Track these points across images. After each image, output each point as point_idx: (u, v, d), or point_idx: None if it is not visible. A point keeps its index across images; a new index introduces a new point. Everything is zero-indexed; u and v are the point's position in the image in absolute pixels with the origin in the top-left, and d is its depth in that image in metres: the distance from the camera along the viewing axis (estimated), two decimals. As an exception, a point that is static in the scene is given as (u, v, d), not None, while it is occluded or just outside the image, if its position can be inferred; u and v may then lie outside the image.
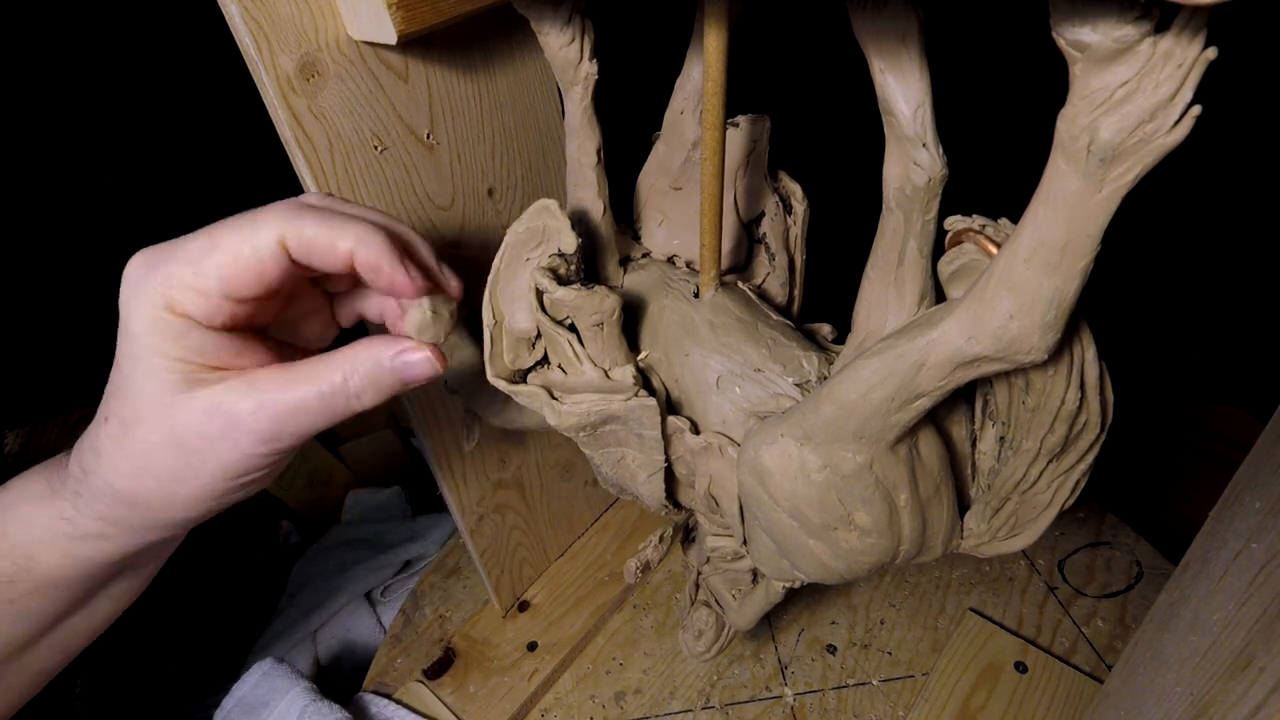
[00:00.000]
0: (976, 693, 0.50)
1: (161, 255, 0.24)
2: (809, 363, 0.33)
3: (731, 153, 0.34)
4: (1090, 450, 0.28)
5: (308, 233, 0.24)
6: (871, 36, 0.25)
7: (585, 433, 0.33)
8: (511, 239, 0.32)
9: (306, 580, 0.74)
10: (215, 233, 0.24)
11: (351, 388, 0.26)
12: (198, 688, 0.67)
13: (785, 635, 0.55)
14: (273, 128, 0.32)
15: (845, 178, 0.56)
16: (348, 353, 0.26)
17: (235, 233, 0.24)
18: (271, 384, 0.25)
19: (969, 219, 0.27)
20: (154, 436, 0.25)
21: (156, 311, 0.24)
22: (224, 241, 0.24)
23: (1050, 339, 0.22)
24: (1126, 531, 0.60)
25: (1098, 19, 0.17)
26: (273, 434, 0.25)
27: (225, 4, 0.29)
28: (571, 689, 0.54)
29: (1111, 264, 0.26)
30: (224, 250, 0.24)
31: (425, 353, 0.27)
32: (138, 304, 0.24)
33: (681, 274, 0.37)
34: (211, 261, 0.24)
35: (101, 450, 0.26)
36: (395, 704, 0.53)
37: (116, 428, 0.25)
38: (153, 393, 0.24)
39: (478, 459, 0.49)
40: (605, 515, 0.65)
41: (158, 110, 1.00)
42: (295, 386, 0.25)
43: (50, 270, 0.98)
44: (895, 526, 0.30)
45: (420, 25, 0.31)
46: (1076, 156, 0.19)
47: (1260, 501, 0.23)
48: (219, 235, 0.24)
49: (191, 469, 0.25)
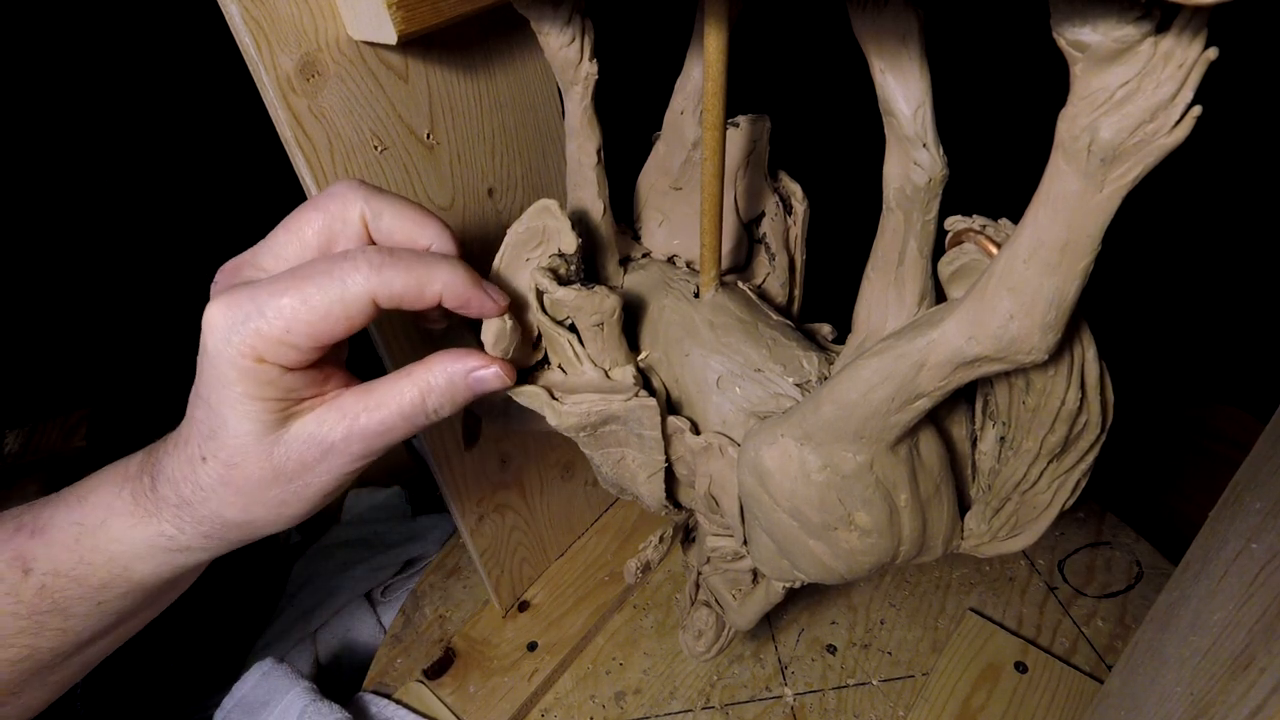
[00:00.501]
0: (976, 693, 0.50)
1: (247, 309, 0.25)
2: (809, 363, 0.33)
3: (731, 153, 0.34)
4: (1091, 450, 0.28)
5: (396, 287, 0.25)
6: (872, 36, 0.25)
7: (585, 433, 0.33)
8: (511, 239, 0.32)
9: (306, 580, 0.74)
10: (303, 287, 0.25)
11: (430, 405, 0.28)
12: (198, 688, 0.67)
13: (785, 635, 0.55)
14: (273, 128, 0.32)
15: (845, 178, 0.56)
16: (423, 371, 0.28)
17: (324, 290, 0.25)
18: (357, 409, 0.27)
19: (969, 219, 0.27)
20: (258, 473, 0.27)
21: (247, 363, 0.25)
22: (313, 298, 0.25)
23: (1050, 339, 0.22)
24: (1126, 531, 0.60)
25: (1098, 19, 0.17)
26: (363, 453, 0.27)
27: (225, 4, 0.29)
28: (571, 689, 0.54)
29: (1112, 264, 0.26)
30: (314, 308, 0.25)
31: (495, 368, 0.28)
32: (228, 355, 0.25)
33: (682, 274, 0.37)
34: (302, 320, 0.25)
35: (205, 487, 0.27)
36: (395, 704, 0.53)
37: (219, 469, 0.27)
38: (251, 434, 0.26)
39: (478, 459, 0.49)
40: (605, 515, 0.65)
41: (158, 110, 1.00)
42: (379, 410, 0.27)
43: (50, 270, 0.98)
44: (895, 526, 0.29)
45: (420, 25, 0.31)
46: (1077, 157, 0.19)
47: (1260, 502, 0.23)
48: (307, 291, 0.25)
49: (296, 493, 0.28)
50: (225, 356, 0.25)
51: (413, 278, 0.26)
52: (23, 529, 0.29)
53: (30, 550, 0.29)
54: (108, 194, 1.01)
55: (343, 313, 0.25)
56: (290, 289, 0.24)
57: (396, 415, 0.27)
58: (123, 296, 1.03)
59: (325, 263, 0.25)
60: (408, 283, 0.26)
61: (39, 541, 0.29)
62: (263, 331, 0.24)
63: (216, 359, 0.25)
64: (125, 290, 1.03)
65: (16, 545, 0.29)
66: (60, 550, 0.29)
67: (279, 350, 0.25)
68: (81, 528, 0.29)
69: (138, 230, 1.03)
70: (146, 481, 0.29)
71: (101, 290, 1.02)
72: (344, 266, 0.25)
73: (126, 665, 0.67)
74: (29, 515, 0.29)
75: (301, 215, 0.27)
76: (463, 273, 0.27)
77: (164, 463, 0.28)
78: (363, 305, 0.25)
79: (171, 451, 0.28)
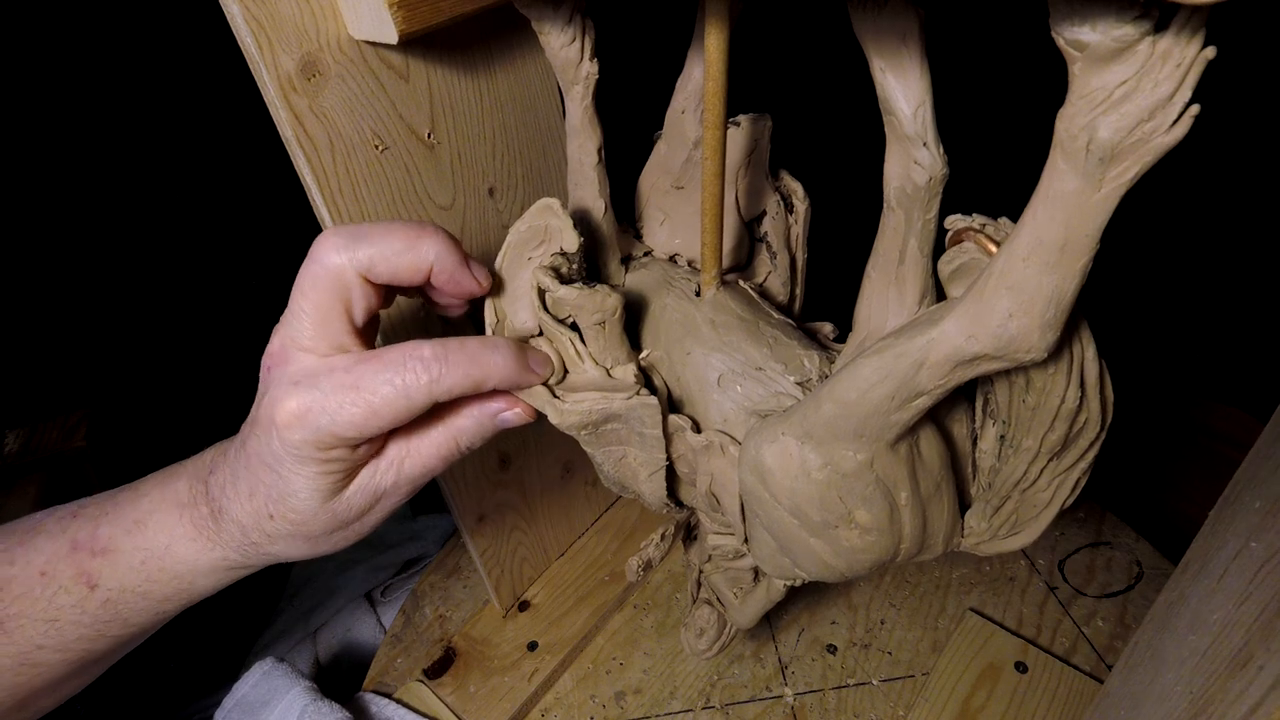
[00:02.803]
0: (976, 693, 0.50)
1: (320, 421, 0.27)
2: (810, 361, 0.33)
3: (732, 152, 0.34)
4: (1090, 449, 0.28)
5: (455, 389, 0.28)
6: (872, 36, 0.25)
7: (587, 431, 0.33)
8: (513, 238, 0.32)
9: (306, 580, 0.74)
10: (370, 401, 0.27)
11: (462, 445, 0.31)
12: (198, 688, 0.67)
13: (785, 635, 0.55)
14: (273, 127, 0.32)
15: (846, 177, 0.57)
16: (459, 421, 0.30)
17: (391, 404, 0.27)
18: (402, 455, 0.30)
19: (969, 218, 0.27)
20: (324, 525, 0.30)
21: (311, 450, 0.27)
22: (382, 411, 0.27)
23: (1050, 337, 0.22)
24: (1126, 531, 0.60)
25: (1097, 18, 0.17)
26: (410, 491, 0.31)
27: (226, 4, 0.29)
28: (572, 689, 0.54)
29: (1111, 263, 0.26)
30: (381, 417, 0.27)
31: (519, 409, 0.31)
32: (296, 442, 0.27)
33: (683, 273, 0.37)
34: (371, 426, 0.27)
35: (273, 535, 0.30)
36: (395, 704, 0.53)
37: (288, 526, 0.29)
38: (320, 499, 0.29)
39: (478, 459, 0.49)
40: (605, 515, 0.65)
41: (159, 110, 1.00)
42: (420, 455, 0.30)
43: (51, 271, 0.98)
44: (896, 525, 0.30)
45: (421, 25, 0.31)
46: (1075, 155, 0.19)
47: (1260, 501, 0.23)
48: (375, 405, 0.27)
49: (355, 531, 0.31)
50: (291, 444, 0.27)
51: (469, 380, 0.28)
52: (81, 548, 0.31)
53: (95, 568, 0.30)
54: (108, 194, 1.01)
55: (406, 413, 0.28)
56: (357, 400, 0.27)
57: (435, 458, 0.30)
58: (123, 297, 1.03)
59: (387, 371, 0.27)
60: (465, 384, 0.28)
61: (104, 561, 0.31)
62: (336, 433, 0.27)
63: (283, 442, 0.27)
64: (125, 290, 1.03)
65: (78, 563, 0.30)
66: (126, 571, 0.31)
67: (348, 444, 0.28)
68: (148, 552, 0.31)
69: (138, 230, 1.03)
70: (205, 511, 0.31)
71: (102, 290, 1.02)
72: (407, 379, 0.27)
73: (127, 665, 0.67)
74: (84, 533, 0.31)
75: (307, 298, 0.28)
76: (514, 367, 0.29)
77: (228, 508, 0.30)
78: (424, 406, 0.28)
79: (234, 499, 0.30)
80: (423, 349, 0.27)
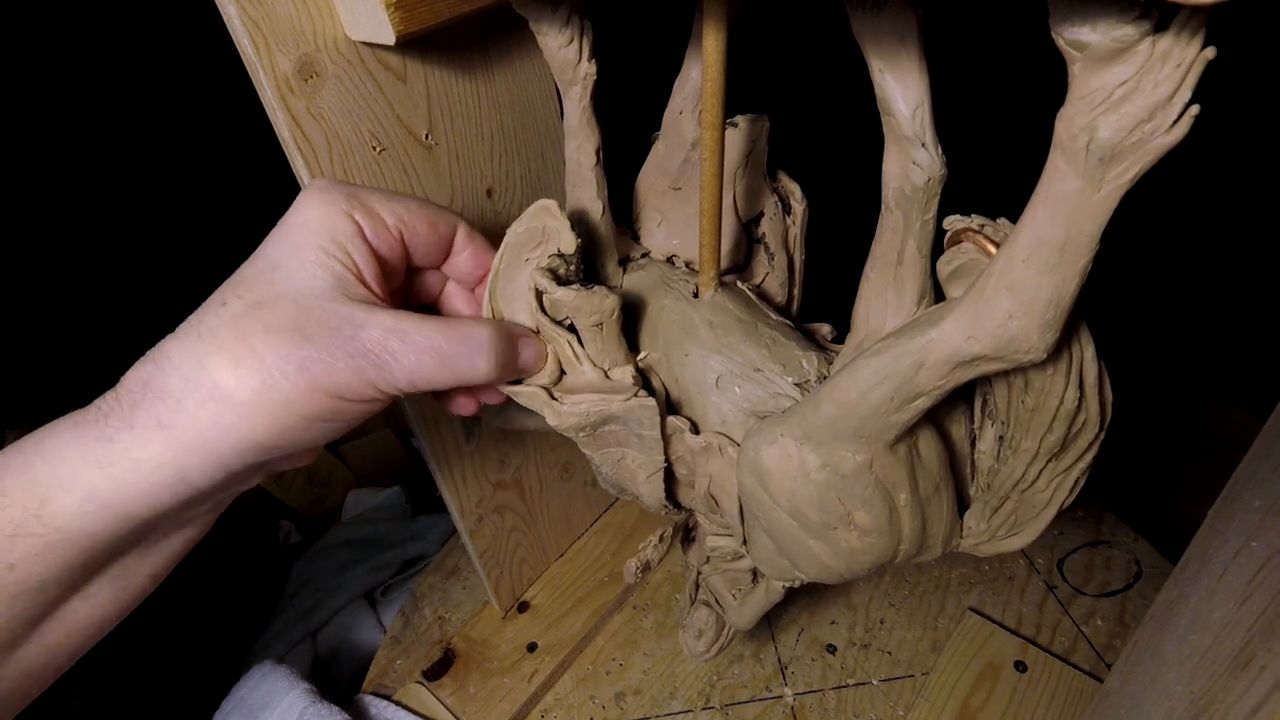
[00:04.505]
0: (976, 692, 0.50)
1: (349, 188, 0.27)
2: (808, 362, 0.33)
3: (730, 153, 0.34)
4: (1089, 449, 0.28)
5: (464, 230, 0.30)
6: (870, 36, 0.25)
7: (585, 433, 0.33)
8: (511, 239, 0.32)
9: (306, 580, 0.74)
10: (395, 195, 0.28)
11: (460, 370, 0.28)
12: (198, 688, 0.67)
13: (785, 635, 0.55)
14: (271, 128, 0.32)
15: (844, 178, 0.56)
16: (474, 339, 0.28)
17: (418, 202, 0.29)
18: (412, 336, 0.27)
19: (968, 219, 0.27)
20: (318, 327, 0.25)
21: (336, 209, 0.26)
22: (409, 200, 0.29)
23: (1049, 338, 0.22)
24: (1125, 530, 0.60)
25: (1097, 18, 0.17)
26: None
27: (223, 5, 0.28)
28: (571, 690, 0.54)
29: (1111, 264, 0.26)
30: (407, 202, 0.28)
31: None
32: (317, 204, 0.26)
33: (681, 274, 0.37)
34: (399, 202, 0.28)
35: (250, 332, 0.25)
36: (395, 705, 0.53)
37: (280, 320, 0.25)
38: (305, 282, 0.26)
39: (477, 459, 0.49)
40: (605, 516, 0.65)
41: (156, 111, 1.00)
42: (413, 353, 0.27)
43: (51, 271, 0.98)
44: (895, 526, 0.29)
45: (418, 26, 0.31)
46: (1075, 156, 0.19)
47: (1260, 500, 0.23)
48: (403, 196, 0.29)
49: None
50: (310, 207, 0.26)
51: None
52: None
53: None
54: (107, 194, 1.01)
55: (427, 213, 0.29)
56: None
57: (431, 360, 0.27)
58: (122, 297, 1.03)
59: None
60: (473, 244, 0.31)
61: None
62: (357, 194, 0.27)
63: (302, 210, 0.26)
64: (125, 290, 1.03)
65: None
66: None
67: (365, 215, 0.27)
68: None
69: (137, 230, 1.03)
70: (110, 404, 0.25)
71: (101, 290, 1.02)
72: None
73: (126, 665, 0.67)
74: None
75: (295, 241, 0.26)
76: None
77: (174, 345, 0.25)
78: (450, 224, 0.30)
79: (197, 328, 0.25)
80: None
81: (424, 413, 0.44)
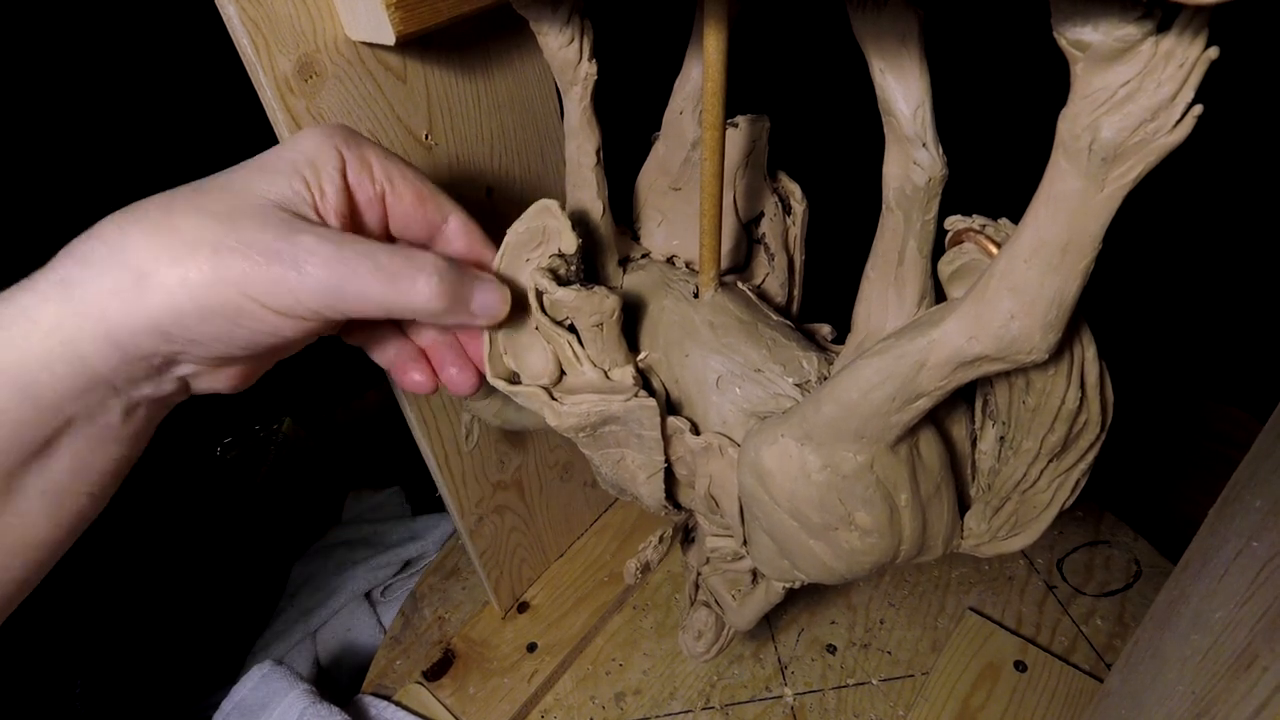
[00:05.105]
0: (976, 692, 0.50)
1: (355, 133, 0.27)
2: (809, 363, 0.33)
3: (731, 153, 0.34)
4: (1090, 450, 0.28)
5: (458, 220, 0.31)
6: (871, 36, 0.25)
7: (585, 434, 0.33)
8: (511, 239, 0.32)
9: (306, 580, 0.74)
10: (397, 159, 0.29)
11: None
12: (198, 688, 0.67)
13: (785, 635, 0.55)
14: (271, 128, 0.32)
15: (845, 178, 0.56)
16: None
17: (416, 174, 0.29)
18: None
19: (969, 219, 0.27)
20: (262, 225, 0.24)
21: (329, 142, 0.26)
22: (407, 168, 0.29)
23: (1051, 339, 0.22)
24: (1125, 530, 0.60)
25: (1099, 18, 0.17)
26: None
27: (223, 5, 0.28)
28: (571, 690, 0.54)
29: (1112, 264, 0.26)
30: (405, 169, 0.28)
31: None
32: (317, 134, 0.26)
33: (681, 274, 0.37)
34: (396, 164, 0.28)
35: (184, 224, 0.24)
36: (395, 706, 0.53)
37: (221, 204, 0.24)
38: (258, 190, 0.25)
39: (477, 460, 0.49)
40: (604, 516, 0.65)
41: (156, 111, 1.00)
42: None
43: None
44: (896, 526, 0.29)
45: (419, 26, 0.31)
46: (1078, 156, 0.19)
47: (1260, 500, 0.23)
48: (406, 164, 0.29)
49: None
50: (306, 134, 0.26)
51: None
52: None
53: None
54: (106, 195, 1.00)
55: (413, 174, 0.29)
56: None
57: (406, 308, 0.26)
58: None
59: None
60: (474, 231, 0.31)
61: None
62: (352, 137, 0.27)
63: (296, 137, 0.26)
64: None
65: None
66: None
67: (354, 154, 0.27)
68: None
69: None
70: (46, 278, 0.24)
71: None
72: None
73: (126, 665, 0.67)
74: None
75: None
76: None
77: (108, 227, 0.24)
78: (449, 209, 0.30)
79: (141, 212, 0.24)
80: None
81: (424, 413, 0.44)
